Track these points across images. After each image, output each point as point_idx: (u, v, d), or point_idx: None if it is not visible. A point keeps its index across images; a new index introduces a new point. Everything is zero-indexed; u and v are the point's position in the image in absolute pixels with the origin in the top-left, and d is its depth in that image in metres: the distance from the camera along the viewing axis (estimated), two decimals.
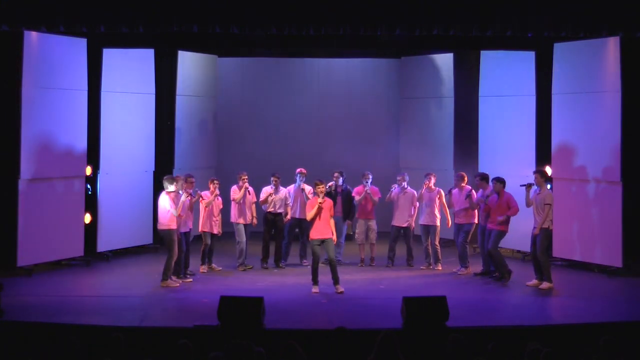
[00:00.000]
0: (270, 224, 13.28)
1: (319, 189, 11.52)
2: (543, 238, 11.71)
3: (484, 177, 12.69)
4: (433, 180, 13.22)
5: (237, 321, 9.03)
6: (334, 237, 11.59)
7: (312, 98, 17.39)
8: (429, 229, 13.21)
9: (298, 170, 13.48)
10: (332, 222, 11.52)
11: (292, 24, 11.40)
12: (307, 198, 13.19)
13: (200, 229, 12.70)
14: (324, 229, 11.44)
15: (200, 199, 12.40)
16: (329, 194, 12.53)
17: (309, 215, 11.48)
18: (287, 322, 9.58)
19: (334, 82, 17.46)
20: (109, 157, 13.68)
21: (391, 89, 17.33)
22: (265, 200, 13.17)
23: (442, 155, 15.54)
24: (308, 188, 13.34)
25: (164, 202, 11.65)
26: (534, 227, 11.78)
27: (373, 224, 13.51)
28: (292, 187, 13.43)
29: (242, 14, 11.31)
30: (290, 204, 13.31)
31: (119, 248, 14.08)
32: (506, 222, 12.11)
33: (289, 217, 13.30)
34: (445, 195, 13.04)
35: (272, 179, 13.18)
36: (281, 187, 13.28)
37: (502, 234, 12.15)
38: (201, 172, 14.76)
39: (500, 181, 12.22)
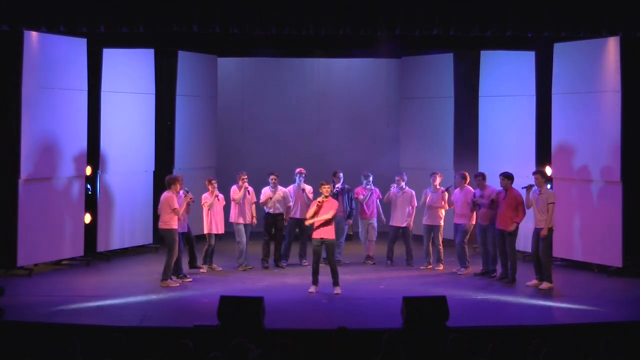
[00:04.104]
0: (270, 224, 13.27)
1: (323, 188, 11.50)
2: (547, 237, 11.68)
3: (484, 177, 12.64)
4: (438, 180, 13.21)
5: (237, 321, 9.03)
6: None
7: (312, 98, 17.40)
8: (432, 229, 13.21)
9: (297, 170, 13.47)
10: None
11: (292, 24, 11.41)
12: (308, 198, 13.18)
13: (205, 231, 12.71)
14: (325, 229, 11.44)
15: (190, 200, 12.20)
16: (334, 196, 12.52)
17: (308, 214, 11.50)
18: (287, 322, 9.58)
19: (334, 82, 17.48)
20: (109, 157, 13.69)
21: (391, 89, 17.32)
22: (266, 202, 13.15)
23: (442, 155, 15.51)
24: (308, 188, 13.33)
25: (167, 201, 11.65)
26: (535, 228, 11.74)
27: (374, 222, 13.56)
28: (291, 187, 13.41)
29: (242, 14, 11.32)
30: (292, 205, 13.30)
31: (119, 248, 14.09)
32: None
33: (286, 218, 13.29)
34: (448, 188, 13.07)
35: (270, 178, 13.14)
36: (280, 187, 13.25)
37: (514, 233, 12.01)
38: (201, 172, 14.76)
39: (507, 177, 12.06)
